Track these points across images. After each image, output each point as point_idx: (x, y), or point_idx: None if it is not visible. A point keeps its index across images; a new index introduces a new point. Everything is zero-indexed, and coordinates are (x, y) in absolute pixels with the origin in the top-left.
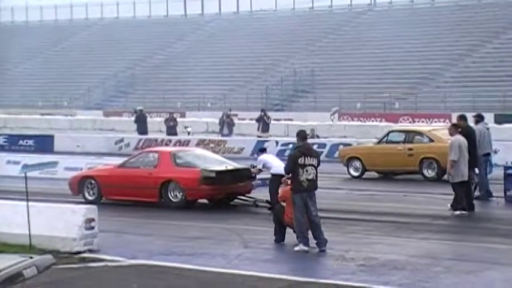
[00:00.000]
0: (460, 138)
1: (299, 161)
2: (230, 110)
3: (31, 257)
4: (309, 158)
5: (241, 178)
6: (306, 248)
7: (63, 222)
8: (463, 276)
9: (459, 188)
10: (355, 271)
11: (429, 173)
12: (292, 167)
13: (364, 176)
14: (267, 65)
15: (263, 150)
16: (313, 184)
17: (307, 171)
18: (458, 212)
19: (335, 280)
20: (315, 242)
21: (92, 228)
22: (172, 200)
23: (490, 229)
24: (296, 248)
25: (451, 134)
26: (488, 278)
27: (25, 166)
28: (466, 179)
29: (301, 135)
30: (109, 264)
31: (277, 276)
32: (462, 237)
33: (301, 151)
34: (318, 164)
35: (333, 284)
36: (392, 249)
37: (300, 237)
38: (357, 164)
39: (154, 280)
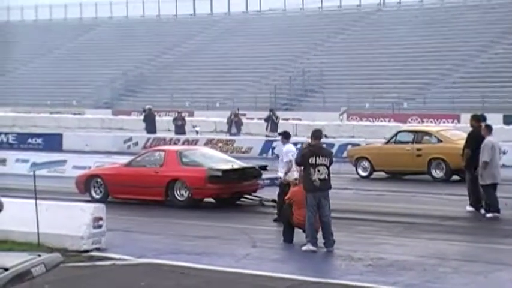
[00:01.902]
0: (493, 140)
1: (310, 161)
2: (238, 110)
3: (39, 255)
4: (320, 157)
5: (247, 177)
6: (313, 248)
7: (71, 221)
8: (471, 277)
9: (490, 190)
10: (363, 271)
11: (437, 173)
12: (302, 162)
13: (372, 176)
14: (276, 65)
15: (288, 136)
16: (325, 184)
17: (319, 170)
18: (490, 215)
19: (343, 280)
20: (323, 241)
21: (100, 226)
22: (179, 198)
23: (499, 230)
24: (304, 248)
25: (483, 135)
26: (497, 279)
27: (34, 164)
28: (497, 181)
29: (316, 134)
30: (117, 262)
31: (285, 275)
32: (470, 238)
33: (312, 150)
34: (331, 163)
35: (341, 284)
36: (400, 249)
37: (309, 237)
38: (365, 164)
39: (162, 279)
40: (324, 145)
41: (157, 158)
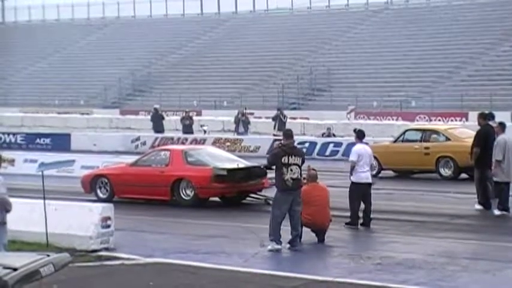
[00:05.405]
0: (506, 138)
1: (282, 160)
2: (246, 109)
3: (48, 255)
4: (293, 157)
5: (252, 176)
6: (278, 247)
7: (79, 221)
8: (480, 276)
9: (503, 188)
10: (372, 270)
11: (446, 171)
12: (274, 162)
13: (380, 175)
14: (283, 64)
15: (362, 136)
16: (298, 183)
17: (291, 170)
18: (499, 213)
19: (351, 279)
20: (290, 237)
21: (108, 226)
22: (184, 198)
23: (508, 228)
24: (269, 247)
25: (497, 133)
26: (506, 277)
27: (42, 164)
28: (509, 179)
29: (287, 134)
30: (125, 262)
31: (294, 275)
32: (479, 236)
33: (285, 150)
34: (303, 163)
35: (349, 282)
36: (409, 248)
37: (273, 235)
38: (373, 162)
39: (171, 278)
40: (332, 144)
41: (162, 158)
